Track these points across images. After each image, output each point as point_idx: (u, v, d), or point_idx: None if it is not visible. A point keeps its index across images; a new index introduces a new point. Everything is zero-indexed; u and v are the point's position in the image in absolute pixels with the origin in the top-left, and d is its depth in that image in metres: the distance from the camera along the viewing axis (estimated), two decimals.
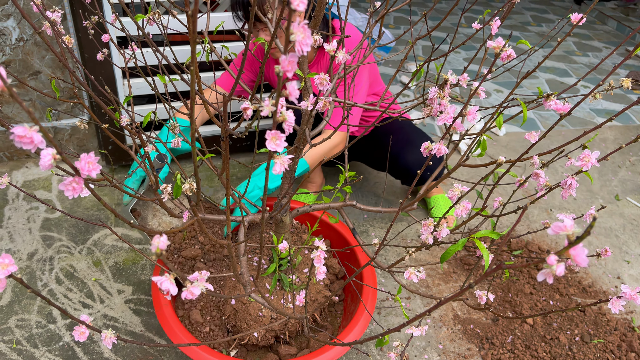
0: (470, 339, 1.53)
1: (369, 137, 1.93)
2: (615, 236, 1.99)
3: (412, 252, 0.86)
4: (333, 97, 0.97)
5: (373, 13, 1.03)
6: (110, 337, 0.61)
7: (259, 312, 1.30)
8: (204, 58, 1.05)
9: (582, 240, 0.36)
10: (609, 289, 1.74)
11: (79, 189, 0.46)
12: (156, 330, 1.48)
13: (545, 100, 0.82)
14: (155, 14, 0.89)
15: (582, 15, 0.82)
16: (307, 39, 0.38)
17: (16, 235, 1.75)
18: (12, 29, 1.79)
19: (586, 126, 2.82)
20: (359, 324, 1.27)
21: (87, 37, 1.73)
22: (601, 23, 4.65)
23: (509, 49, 0.66)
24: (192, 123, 0.51)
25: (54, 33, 0.84)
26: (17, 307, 1.51)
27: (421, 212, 2.04)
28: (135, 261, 1.70)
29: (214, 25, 1.84)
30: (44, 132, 0.39)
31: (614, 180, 2.33)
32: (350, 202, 1.16)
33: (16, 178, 2.01)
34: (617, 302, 0.65)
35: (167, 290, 0.46)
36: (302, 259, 1.41)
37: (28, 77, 1.90)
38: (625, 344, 1.51)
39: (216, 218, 1.02)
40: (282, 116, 0.47)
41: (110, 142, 2.03)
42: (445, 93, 0.72)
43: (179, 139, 0.90)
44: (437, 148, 0.69)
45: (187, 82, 0.99)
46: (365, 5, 4.34)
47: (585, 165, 0.67)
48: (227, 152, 0.63)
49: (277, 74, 0.40)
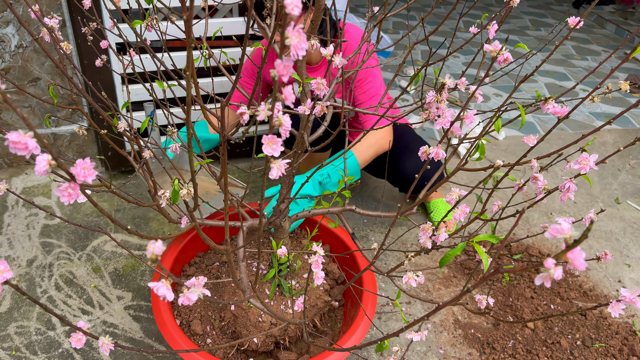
0: (471, 343, 1.52)
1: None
2: (616, 240, 1.99)
3: (412, 257, 0.85)
4: (331, 102, 0.97)
5: (371, 18, 1.03)
6: (108, 344, 0.60)
7: (259, 318, 1.30)
8: (202, 64, 1.05)
9: (579, 243, 0.36)
10: (610, 293, 1.73)
11: (74, 195, 0.46)
12: (156, 337, 1.48)
13: (544, 104, 0.82)
14: (152, 20, 0.90)
15: (580, 19, 0.82)
16: (303, 43, 0.38)
17: (15, 242, 1.75)
18: (12, 35, 1.80)
19: (586, 130, 2.82)
20: (359, 329, 1.26)
21: (86, 43, 1.73)
22: (600, 27, 4.66)
23: (505, 52, 0.66)
24: (189, 127, 0.51)
25: (51, 40, 0.84)
26: (17, 314, 1.51)
27: (421, 216, 2.03)
28: (135, 267, 1.69)
29: (212, 32, 1.84)
30: (38, 137, 0.39)
31: (614, 184, 2.33)
32: (349, 206, 1.16)
33: (16, 185, 2.01)
34: (617, 305, 0.65)
35: (164, 296, 0.46)
36: (301, 264, 1.41)
37: (27, 83, 1.91)
38: (627, 348, 1.51)
39: (215, 223, 1.02)
40: (278, 121, 0.47)
41: (110, 149, 2.03)
42: (442, 97, 0.72)
43: (177, 145, 0.89)
44: (435, 152, 0.69)
45: (185, 88, 0.98)
46: (364, 10, 4.35)
47: (584, 169, 0.67)
48: (225, 157, 0.63)
49: (273, 79, 0.40)
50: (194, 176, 0.60)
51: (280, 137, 0.48)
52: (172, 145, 0.90)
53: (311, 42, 0.75)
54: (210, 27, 1.78)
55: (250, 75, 1.77)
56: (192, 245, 1.55)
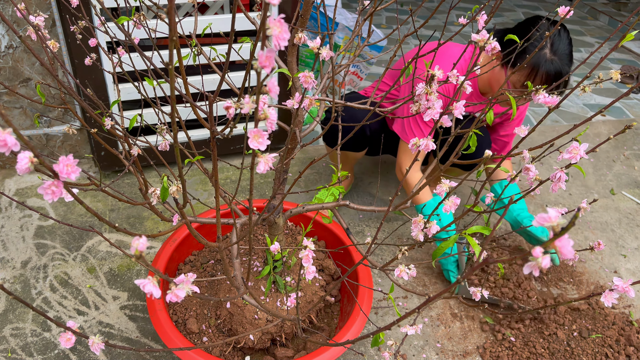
0: (468, 336, 1.52)
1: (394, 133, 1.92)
2: (611, 230, 1.99)
3: (405, 251, 0.85)
4: (321, 97, 0.96)
5: (362, 11, 1.02)
6: (98, 343, 0.60)
7: (255, 315, 1.30)
8: (192, 61, 1.04)
9: (567, 231, 0.35)
10: (605, 284, 1.73)
11: (58, 193, 0.45)
12: (152, 336, 1.47)
13: (535, 94, 0.81)
14: (139, 17, 0.89)
15: (570, 8, 0.81)
16: (284, 33, 0.38)
17: (9, 244, 1.74)
18: (2, 36, 1.78)
19: (580, 121, 2.82)
20: (355, 324, 1.26)
21: (75, 42, 1.72)
22: (593, 19, 4.66)
23: (493, 41, 0.65)
24: (174, 123, 0.50)
25: (38, 38, 0.83)
26: (12, 315, 1.50)
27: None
28: (130, 267, 1.69)
29: (202, 29, 1.83)
30: (18, 134, 0.39)
31: (608, 175, 2.33)
32: (343, 202, 1.15)
33: (9, 186, 2.00)
34: (609, 295, 0.65)
35: (150, 293, 0.45)
36: (296, 261, 1.41)
37: (18, 84, 1.89)
38: (624, 338, 1.51)
39: (207, 221, 1.01)
40: (263, 114, 0.46)
41: (102, 148, 2.02)
42: (432, 89, 0.72)
43: (167, 142, 0.89)
44: (425, 144, 0.68)
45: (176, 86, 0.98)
46: (357, 5, 4.34)
47: (574, 158, 0.67)
48: (215, 154, 0.62)
49: (255, 70, 0.39)
50: (181, 172, 0.59)
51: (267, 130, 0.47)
52: (162, 143, 0.90)
53: (299, 36, 0.75)
54: (200, 24, 1.77)
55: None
56: (187, 243, 1.54)
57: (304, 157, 2.27)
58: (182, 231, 1.52)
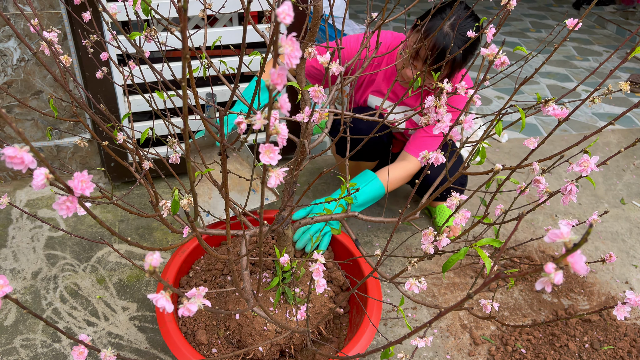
0: (478, 348, 1.51)
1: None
2: (622, 240, 1.97)
3: (415, 263, 0.85)
4: (332, 109, 0.97)
5: (370, 23, 1.03)
6: (110, 356, 0.60)
7: (264, 327, 1.29)
8: (202, 73, 1.05)
9: (579, 247, 0.35)
10: (617, 294, 1.72)
11: (73, 208, 0.45)
12: (161, 347, 1.47)
13: (544, 106, 0.81)
14: (151, 31, 0.90)
15: (578, 21, 0.81)
16: (296, 51, 0.38)
17: (20, 255, 1.75)
18: (14, 49, 1.81)
19: (589, 131, 2.80)
20: (364, 336, 1.26)
21: (87, 56, 1.74)
22: (601, 27, 4.65)
23: (502, 55, 0.66)
24: (186, 139, 0.51)
25: (51, 53, 0.84)
26: (22, 326, 1.51)
27: (425, 221, 2.03)
28: (139, 278, 1.69)
29: (212, 41, 1.84)
30: (34, 151, 0.39)
31: (619, 184, 2.32)
32: (352, 212, 1.16)
33: (20, 197, 2.02)
34: (622, 308, 0.64)
35: (163, 307, 0.45)
36: (305, 272, 1.41)
37: (30, 97, 1.92)
38: (636, 350, 1.49)
39: (216, 232, 1.02)
40: (275, 129, 0.47)
41: (113, 160, 2.04)
42: (441, 101, 0.72)
43: (177, 155, 0.90)
44: (435, 157, 0.69)
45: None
46: (364, 16, 4.36)
47: (585, 171, 0.67)
48: (225, 166, 0.63)
49: (267, 87, 0.40)
50: (192, 187, 0.60)
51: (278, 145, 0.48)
52: (173, 156, 0.91)
53: (308, 50, 0.75)
54: (210, 36, 1.78)
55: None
56: (196, 255, 1.55)
57: (312, 167, 2.28)
58: (192, 242, 1.52)
